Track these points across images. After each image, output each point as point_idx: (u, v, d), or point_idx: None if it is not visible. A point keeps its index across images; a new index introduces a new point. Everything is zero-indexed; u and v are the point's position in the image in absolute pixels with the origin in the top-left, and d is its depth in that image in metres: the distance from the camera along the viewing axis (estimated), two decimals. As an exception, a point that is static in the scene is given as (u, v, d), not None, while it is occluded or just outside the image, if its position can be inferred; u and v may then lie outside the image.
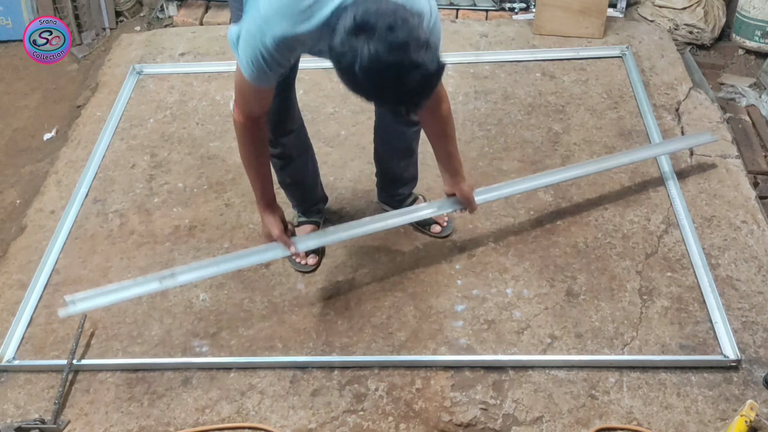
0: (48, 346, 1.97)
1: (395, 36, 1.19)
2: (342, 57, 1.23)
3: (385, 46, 1.19)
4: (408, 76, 1.22)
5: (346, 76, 1.25)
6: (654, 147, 2.35)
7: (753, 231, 2.14)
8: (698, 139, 2.35)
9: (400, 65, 1.21)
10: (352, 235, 1.91)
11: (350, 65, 1.22)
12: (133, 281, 1.81)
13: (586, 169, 2.19)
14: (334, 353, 1.90)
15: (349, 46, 1.21)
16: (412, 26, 1.22)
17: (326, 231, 1.92)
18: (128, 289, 1.80)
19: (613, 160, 2.22)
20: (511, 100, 2.67)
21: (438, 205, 1.97)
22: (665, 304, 1.97)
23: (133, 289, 1.80)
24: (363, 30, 1.21)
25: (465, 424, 1.75)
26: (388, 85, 1.23)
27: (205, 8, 3.39)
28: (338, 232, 1.92)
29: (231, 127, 2.60)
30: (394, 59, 1.20)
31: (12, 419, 1.80)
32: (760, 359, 1.83)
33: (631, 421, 1.73)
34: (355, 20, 1.21)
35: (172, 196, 2.39)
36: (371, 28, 1.20)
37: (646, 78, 2.74)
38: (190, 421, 1.78)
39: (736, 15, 3.08)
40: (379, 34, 1.19)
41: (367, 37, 1.20)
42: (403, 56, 1.20)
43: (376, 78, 1.22)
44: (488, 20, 3.18)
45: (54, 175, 2.51)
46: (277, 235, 1.80)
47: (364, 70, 1.21)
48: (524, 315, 1.96)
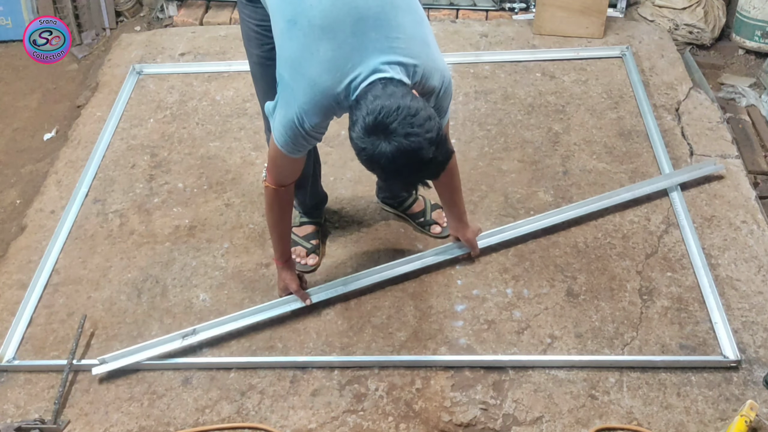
0: (48, 346, 1.97)
1: (410, 143, 1.32)
2: (361, 151, 1.36)
3: (401, 151, 1.32)
4: (421, 172, 1.38)
5: (365, 164, 1.40)
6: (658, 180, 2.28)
7: (753, 231, 2.14)
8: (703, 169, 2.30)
9: (414, 164, 1.35)
10: (361, 284, 2.03)
11: (369, 159, 1.36)
12: (156, 340, 1.91)
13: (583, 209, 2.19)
14: (334, 353, 1.90)
15: (366, 143, 1.34)
16: (427, 129, 1.33)
17: (335, 282, 2.03)
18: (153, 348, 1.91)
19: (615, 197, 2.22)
20: (511, 100, 2.67)
21: (444, 250, 2.09)
22: (665, 304, 1.97)
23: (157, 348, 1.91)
24: (381, 131, 1.33)
25: (465, 424, 1.75)
26: (403, 177, 1.39)
27: (205, 8, 3.39)
28: (348, 283, 2.02)
29: (231, 127, 2.63)
30: (409, 161, 1.34)
31: (12, 419, 1.80)
32: (760, 359, 1.83)
33: (631, 421, 1.73)
34: (375, 120, 1.33)
35: (172, 196, 2.39)
36: (388, 132, 1.32)
37: (646, 78, 2.74)
38: (190, 421, 1.78)
39: (736, 15, 3.08)
40: (396, 139, 1.32)
41: (384, 138, 1.32)
42: (417, 158, 1.33)
43: (392, 172, 1.37)
44: (488, 20, 3.18)
45: (54, 175, 2.51)
46: (294, 289, 1.95)
47: (381, 166, 1.35)
48: (524, 315, 1.96)
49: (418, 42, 1.48)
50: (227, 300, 2.05)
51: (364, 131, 1.34)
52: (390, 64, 1.41)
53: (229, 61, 2.95)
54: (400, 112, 1.32)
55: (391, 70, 1.41)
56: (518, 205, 2.26)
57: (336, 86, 1.43)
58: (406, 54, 1.44)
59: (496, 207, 2.26)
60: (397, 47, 1.43)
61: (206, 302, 2.05)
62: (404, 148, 1.32)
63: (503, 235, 2.13)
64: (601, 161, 2.40)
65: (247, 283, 2.09)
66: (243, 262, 2.15)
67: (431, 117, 1.35)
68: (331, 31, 1.41)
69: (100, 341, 1.97)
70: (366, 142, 1.34)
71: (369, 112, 1.34)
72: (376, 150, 1.33)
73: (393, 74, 1.41)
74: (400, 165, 1.34)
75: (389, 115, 1.32)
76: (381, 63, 1.41)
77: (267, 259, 2.14)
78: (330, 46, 1.41)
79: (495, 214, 2.24)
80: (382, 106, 1.32)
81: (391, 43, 1.43)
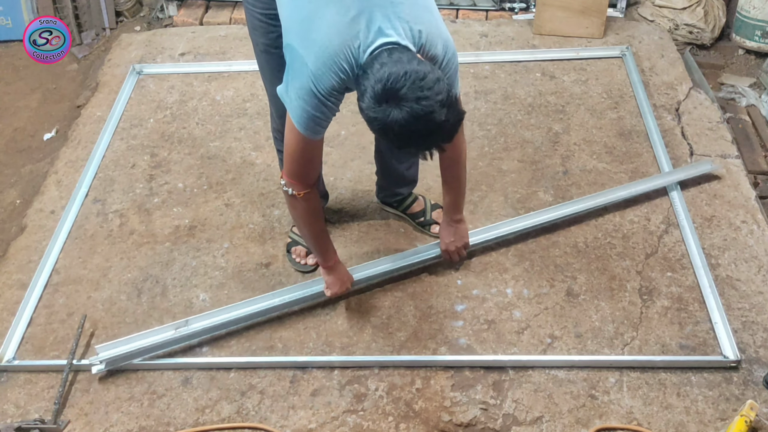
0: (48, 346, 1.97)
1: (421, 107, 1.31)
2: (373, 121, 1.35)
3: (413, 116, 1.31)
4: (433, 135, 1.36)
5: (377, 134, 1.40)
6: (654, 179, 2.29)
7: (753, 231, 2.14)
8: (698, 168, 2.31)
9: (427, 128, 1.33)
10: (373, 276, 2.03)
11: (381, 128, 1.35)
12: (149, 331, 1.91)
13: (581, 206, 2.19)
14: (334, 353, 1.90)
15: (378, 112, 1.33)
16: (437, 91, 1.32)
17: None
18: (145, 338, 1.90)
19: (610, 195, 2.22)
20: (511, 100, 2.67)
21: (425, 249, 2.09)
22: (665, 304, 1.97)
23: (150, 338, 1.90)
24: (390, 98, 1.31)
25: (465, 424, 1.75)
26: (417, 142, 1.37)
27: (205, 8, 3.39)
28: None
29: (231, 127, 2.62)
30: (422, 126, 1.32)
31: (12, 419, 1.80)
32: (760, 359, 1.83)
33: (631, 421, 1.73)
34: (383, 88, 1.31)
35: (172, 196, 2.39)
36: (399, 98, 1.31)
37: (646, 78, 2.74)
38: (190, 421, 1.78)
39: (736, 15, 3.08)
40: (407, 105, 1.31)
41: (395, 105, 1.31)
42: (429, 122, 1.32)
43: (406, 138, 1.35)
44: (488, 20, 3.18)
45: (54, 175, 2.51)
46: (348, 286, 1.94)
47: (393, 132, 1.34)
48: (524, 315, 1.96)
49: (420, 7, 1.49)
50: (227, 300, 2.05)
51: (373, 100, 1.33)
52: (394, 27, 1.42)
53: (229, 61, 2.95)
54: (409, 77, 1.31)
55: (395, 34, 1.42)
56: (518, 205, 2.26)
57: (345, 48, 1.42)
58: (410, 18, 1.45)
59: (496, 207, 2.26)
60: (401, 11, 1.44)
61: (206, 302, 2.05)
62: (416, 112, 1.31)
63: (500, 231, 2.12)
64: (601, 161, 2.40)
65: (247, 283, 2.09)
66: (243, 262, 2.15)
67: (440, 79, 1.34)
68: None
69: (100, 341, 1.96)
70: (377, 111, 1.33)
71: (377, 80, 1.33)
72: (388, 118, 1.32)
73: (398, 38, 1.41)
74: (413, 130, 1.33)
75: (398, 81, 1.31)
76: (386, 26, 1.41)
77: (267, 259, 2.14)
78: (336, 9, 1.42)
79: (495, 214, 2.24)
80: (390, 73, 1.32)
81: (395, 7, 1.43)
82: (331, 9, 1.43)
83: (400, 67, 1.32)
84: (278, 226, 2.25)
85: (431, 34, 1.48)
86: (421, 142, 1.38)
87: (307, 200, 1.69)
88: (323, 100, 1.48)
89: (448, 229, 1.99)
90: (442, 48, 1.52)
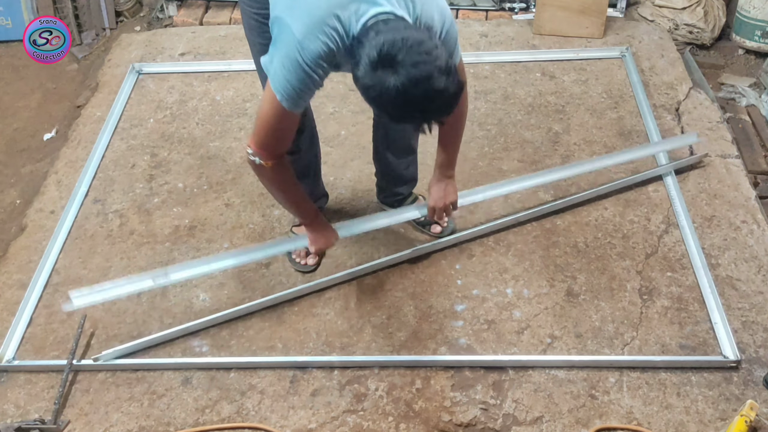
0: (48, 346, 1.97)
1: (419, 71, 1.26)
2: (369, 89, 1.30)
3: (410, 81, 1.26)
4: (432, 103, 1.30)
5: (373, 104, 1.34)
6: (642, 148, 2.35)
7: (753, 231, 2.14)
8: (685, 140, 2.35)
9: (424, 96, 1.28)
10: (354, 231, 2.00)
11: (377, 96, 1.30)
12: (127, 279, 1.86)
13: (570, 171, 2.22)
14: (334, 353, 1.90)
15: (374, 79, 1.28)
16: (435, 57, 1.28)
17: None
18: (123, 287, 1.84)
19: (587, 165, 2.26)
20: (511, 100, 2.67)
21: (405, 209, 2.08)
22: (665, 304, 1.97)
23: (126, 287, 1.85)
24: (387, 63, 1.27)
25: (465, 424, 1.75)
26: (414, 112, 1.32)
27: (205, 8, 3.39)
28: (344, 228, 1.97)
29: (231, 127, 2.62)
30: (420, 92, 1.27)
31: (12, 419, 1.80)
32: (760, 359, 1.83)
33: (631, 421, 1.73)
34: (379, 54, 1.27)
35: (172, 196, 2.39)
36: (395, 63, 1.27)
37: (646, 78, 2.74)
38: (190, 421, 1.78)
39: (736, 15, 3.08)
40: (404, 70, 1.26)
41: (391, 71, 1.27)
42: (427, 88, 1.27)
43: (402, 107, 1.30)
44: (488, 20, 3.18)
45: (54, 175, 2.51)
46: (333, 241, 1.88)
47: (390, 101, 1.29)
48: (524, 315, 1.96)
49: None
50: (227, 300, 2.05)
51: (369, 67, 1.29)
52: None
53: (229, 61, 2.95)
54: (406, 42, 1.27)
55: (389, 4, 1.39)
56: (518, 205, 2.26)
57: (333, 14, 1.39)
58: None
59: (496, 207, 2.26)
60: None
61: (206, 302, 2.05)
62: (413, 77, 1.26)
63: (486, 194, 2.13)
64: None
65: (247, 283, 2.09)
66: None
67: (437, 46, 1.30)
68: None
69: (100, 341, 1.97)
70: (373, 78, 1.28)
71: (373, 47, 1.29)
72: (384, 84, 1.27)
73: (391, 8, 1.38)
74: (410, 98, 1.28)
75: (394, 46, 1.27)
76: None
77: (267, 259, 2.14)
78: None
79: (495, 213, 2.24)
80: (386, 40, 1.28)
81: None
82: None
83: (397, 34, 1.29)
84: (278, 226, 2.25)
85: (426, 4, 1.45)
86: (419, 113, 1.32)
87: (275, 170, 1.64)
88: (308, 70, 1.43)
89: (438, 185, 1.92)
90: (438, 19, 1.48)
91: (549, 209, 2.21)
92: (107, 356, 1.89)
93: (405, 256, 2.09)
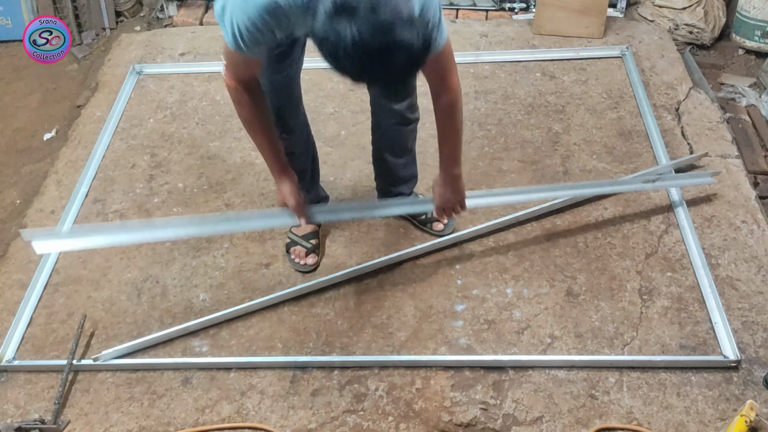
0: (48, 346, 1.97)
1: (377, 16, 1.15)
2: (324, 41, 1.19)
3: (368, 27, 1.15)
4: (393, 56, 1.19)
5: (330, 59, 1.21)
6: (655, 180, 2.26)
7: (753, 231, 2.14)
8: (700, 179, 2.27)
9: (384, 47, 1.17)
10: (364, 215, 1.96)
11: (333, 49, 1.18)
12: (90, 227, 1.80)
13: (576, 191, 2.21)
14: (334, 353, 1.90)
15: (330, 29, 1.17)
16: (399, 6, 1.17)
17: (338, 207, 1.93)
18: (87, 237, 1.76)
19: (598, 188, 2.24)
20: (511, 100, 2.67)
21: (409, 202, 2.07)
22: (665, 304, 1.97)
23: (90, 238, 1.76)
24: (344, 11, 1.16)
25: (465, 424, 1.75)
26: (374, 67, 1.20)
27: (205, 8, 3.39)
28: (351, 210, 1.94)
29: (231, 127, 2.63)
30: (378, 42, 1.16)
31: (12, 419, 1.80)
32: (760, 359, 1.83)
33: (631, 421, 1.73)
34: (334, 2, 1.17)
35: (172, 196, 2.39)
36: (352, 9, 1.16)
37: (646, 78, 2.74)
38: (190, 421, 1.78)
39: (736, 15, 3.08)
40: (361, 15, 1.15)
41: (348, 19, 1.16)
42: (387, 37, 1.16)
43: (361, 61, 1.18)
44: (488, 20, 3.18)
45: (54, 175, 2.51)
46: (293, 204, 1.75)
47: (347, 53, 1.17)
48: (524, 315, 1.96)
49: None
50: (227, 300, 2.05)
51: (325, 16, 1.17)
52: None
53: (229, 61, 2.94)
54: None
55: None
56: (518, 204, 2.26)
57: None
58: None
59: (496, 207, 2.26)
60: None
61: (206, 302, 2.05)
62: (373, 23, 1.14)
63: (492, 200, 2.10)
64: (601, 161, 2.40)
65: (247, 283, 2.09)
66: (243, 262, 2.15)
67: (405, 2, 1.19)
68: None
69: (100, 341, 1.97)
70: (329, 29, 1.17)
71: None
72: (339, 35, 1.16)
73: None
74: (369, 49, 1.16)
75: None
76: None
77: (267, 259, 2.14)
78: None
79: (495, 213, 2.24)
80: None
81: None
82: None
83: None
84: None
85: None
86: (380, 69, 1.20)
87: (236, 94, 1.62)
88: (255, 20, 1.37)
89: (444, 186, 1.84)
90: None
91: (549, 209, 2.21)
92: (107, 356, 1.89)
93: (405, 255, 2.09)
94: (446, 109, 1.70)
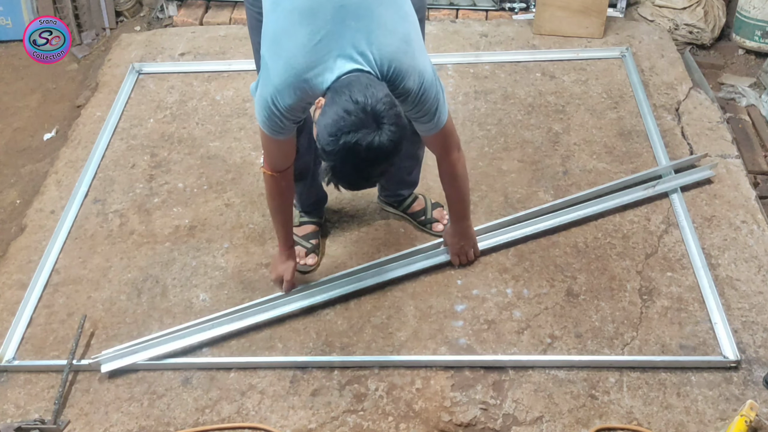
0: (48, 346, 1.97)
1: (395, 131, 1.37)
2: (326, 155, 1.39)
3: (340, 163, 1.38)
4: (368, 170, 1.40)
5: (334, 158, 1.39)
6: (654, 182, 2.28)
7: (753, 231, 2.14)
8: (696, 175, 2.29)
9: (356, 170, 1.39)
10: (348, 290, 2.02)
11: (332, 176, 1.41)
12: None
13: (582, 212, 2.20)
14: (334, 353, 1.90)
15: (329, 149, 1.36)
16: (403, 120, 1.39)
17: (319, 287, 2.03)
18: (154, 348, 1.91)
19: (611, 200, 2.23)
20: (511, 100, 2.67)
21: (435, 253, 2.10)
22: (665, 304, 1.97)
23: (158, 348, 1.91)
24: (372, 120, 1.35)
25: (465, 424, 1.75)
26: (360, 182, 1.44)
27: (205, 8, 3.39)
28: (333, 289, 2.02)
29: (231, 127, 2.63)
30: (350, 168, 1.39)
31: (12, 419, 1.80)
32: (760, 359, 1.83)
33: (631, 421, 1.73)
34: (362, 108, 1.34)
35: (172, 196, 2.39)
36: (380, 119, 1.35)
37: (646, 78, 2.74)
38: (190, 421, 1.78)
39: (736, 15, 3.09)
40: (388, 128, 1.36)
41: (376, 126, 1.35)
42: (355, 164, 1.37)
43: (350, 185, 1.45)
44: (488, 20, 3.18)
45: (54, 175, 2.51)
46: (287, 279, 1.96)
47: (338, 180, 1.42)
48: (524, 315, 1.96)
49: (397, 38, 1.49)
50: (227, 300, 2.05)
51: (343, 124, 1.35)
52: (363, 55, 1.43)
53: (229, 61, 2.95)
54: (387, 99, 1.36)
55: (365, 63, 1.43)
56: (518, 205, 2.26)
57: (309, 70, 1.44)
58: (382, 48, 1.45)
59: (496, 207, 2.26)
60: (374, 40, 1.44)
61: (206, 302, 2.05)
62: (341, 159, 1.36)
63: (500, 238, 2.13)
64: (601, 161, 2.40)
65: (247, 283, 2.09)
66: (243, 262, 2.15)
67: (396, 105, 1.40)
68: (311, 15, 1.43)
69: (100, 341, 1.97)
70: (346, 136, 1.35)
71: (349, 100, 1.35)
72: (329, 166, 1.39)
73: (365, 67, 1.43)
74: (346, 177, 1.40)
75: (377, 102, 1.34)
76: (355, 52, 1.43)
77: (267, 259, 2.14)
78: (308, 30, 1.43)
79: (495, 214, 2.24)
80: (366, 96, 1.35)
81: (369, 35, 1.44)
82: (304, 29, 1.43)
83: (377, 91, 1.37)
84: (278, 226, 2.25)
85: (403, 67, 1.49)
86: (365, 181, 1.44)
87: (269, 181, 1.78)
88: (280, 116, 1.53)
89: (455, 236, 2.02)
90: (416, 82, 1.52)
91: (549, 209, 2.21)
92: (107, 356, 1.89)
93: (404, 255, 2.09)
94: (448, 178, 1.88)
